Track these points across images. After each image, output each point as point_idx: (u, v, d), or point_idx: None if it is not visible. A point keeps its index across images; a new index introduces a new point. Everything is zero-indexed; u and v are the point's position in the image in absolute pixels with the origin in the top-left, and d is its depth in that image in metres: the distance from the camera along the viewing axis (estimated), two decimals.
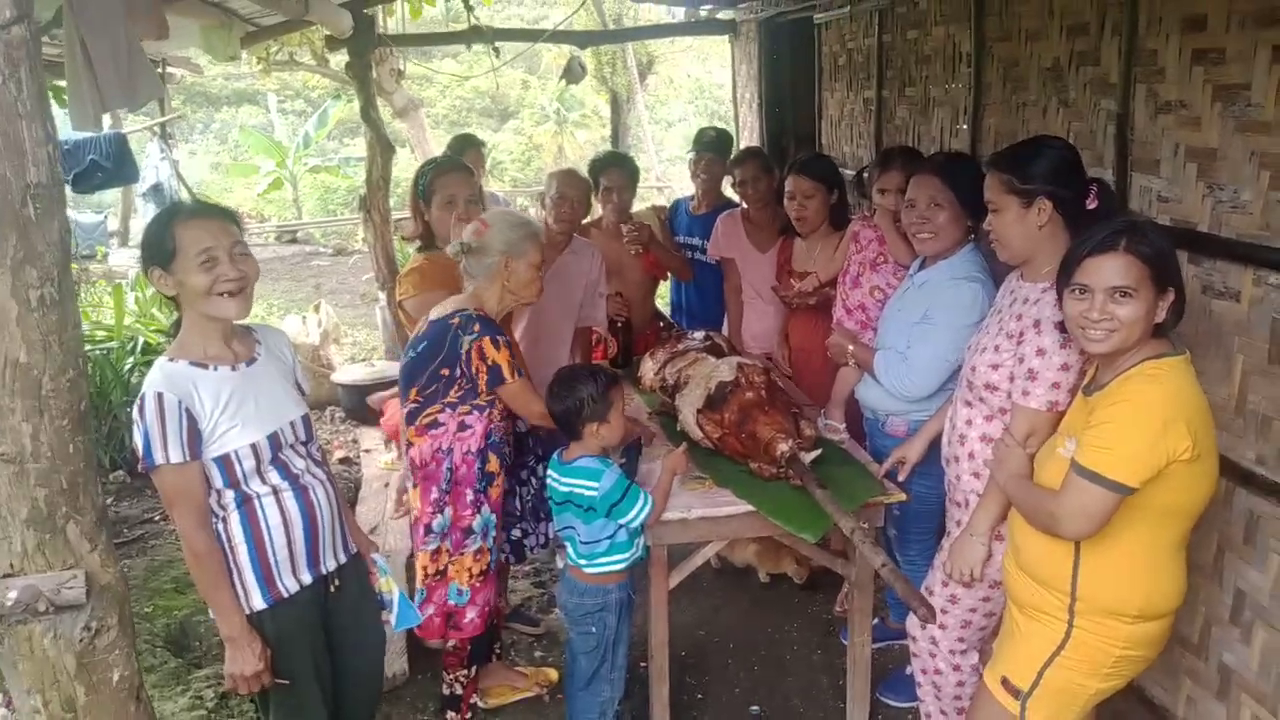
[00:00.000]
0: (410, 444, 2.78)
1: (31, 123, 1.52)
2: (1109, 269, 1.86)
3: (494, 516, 2.83)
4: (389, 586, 2.47)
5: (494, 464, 2.80)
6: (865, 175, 3.41)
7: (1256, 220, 2.22)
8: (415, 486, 2.81)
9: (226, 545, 2.09)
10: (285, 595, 2.15)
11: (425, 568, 2.82)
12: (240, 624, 2.07)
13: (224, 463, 2.04)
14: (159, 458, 1.94)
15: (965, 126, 3.54)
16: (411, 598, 2.75)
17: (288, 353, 2.31)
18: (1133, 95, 2.62)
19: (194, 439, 1.97)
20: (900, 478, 2.77)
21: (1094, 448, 1.84)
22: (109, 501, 4.69)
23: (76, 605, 1.62)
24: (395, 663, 3.22)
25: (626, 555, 2.64)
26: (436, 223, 3.15)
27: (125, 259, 10.33)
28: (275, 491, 2.13)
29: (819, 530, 2.58)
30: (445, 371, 2.67)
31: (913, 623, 2.63)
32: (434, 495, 2.76)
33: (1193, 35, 2.38)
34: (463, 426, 2.72)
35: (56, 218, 1.59)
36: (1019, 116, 3.22)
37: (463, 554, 2.79)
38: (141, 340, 5.34)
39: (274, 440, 2.12)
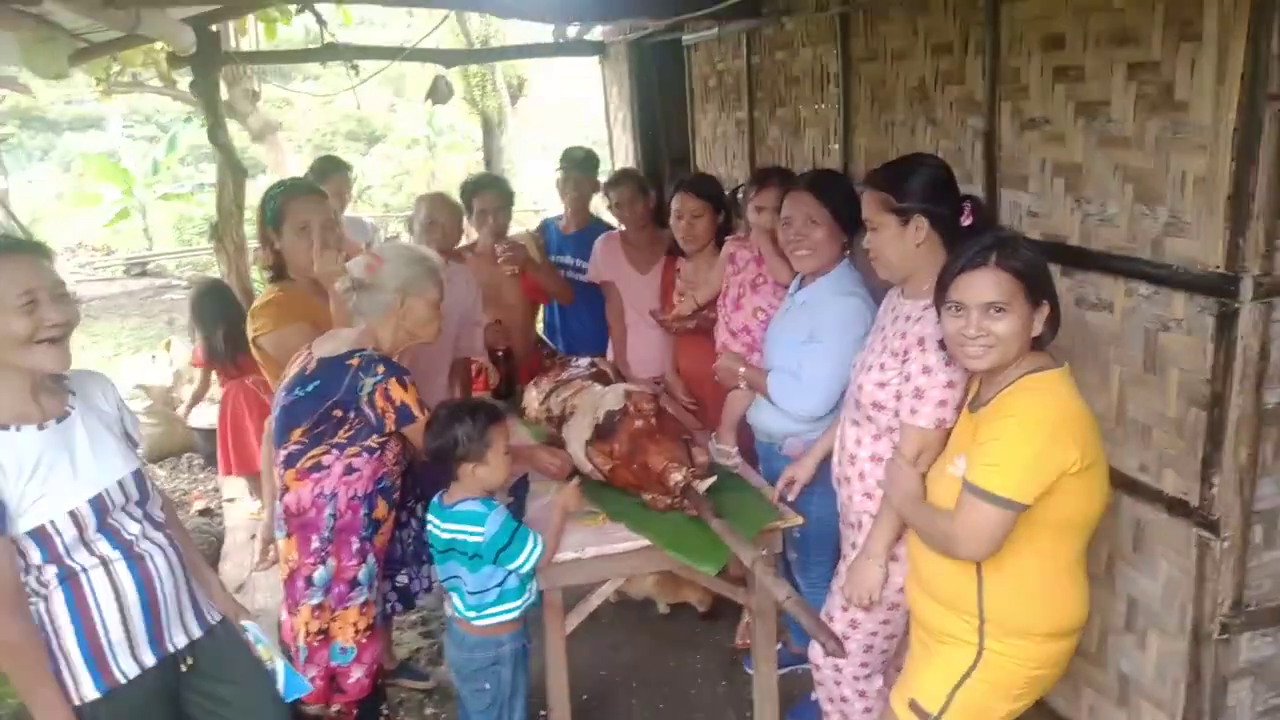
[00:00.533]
0: (286, 489, 2.55)
1: None
2: (981, 285, 1.87)
3: (377, 565, 2.65)
4: (268, 655, 2.23)
5: (382, 509, 2.62)
6: (739, 194, 3.40)
7: (1123, 233, 2.28)
8: (290, 536, 2.57)
9: (50, 629, 1.82)
10: (123, 681, 1.89)
11: (306, 624, 2.58)
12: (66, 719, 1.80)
13: (40, 535, 1.78)
14: None
15: (836, 146, 3.57)
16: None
17: (111, 400, 2.04)
18: (998, 113, 2.67)
19: None
20: (790, 498, 2.73)
21: (983, 465, 1.84)
22: None
23: None
24: None
25: (519, 603, 2.48)
26: (289, 251, 2.92)
27: None
28: (105, 563, 1.87)
29: (718, 562, 2.50)
30: (338, 413, 2.46)
31: (815, 650, 2.57)
32: (314, 544, 2.54)
33: (1053, 53, 2.44)
34: (349, 470, 2.52)
35: None
36: (888, 135, 3.26)
37: (347, 608, 2.59)
38: None
39: (98, 504, 1.86)
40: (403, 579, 3.05)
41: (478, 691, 2.52)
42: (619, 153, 6.11)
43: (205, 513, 5.30)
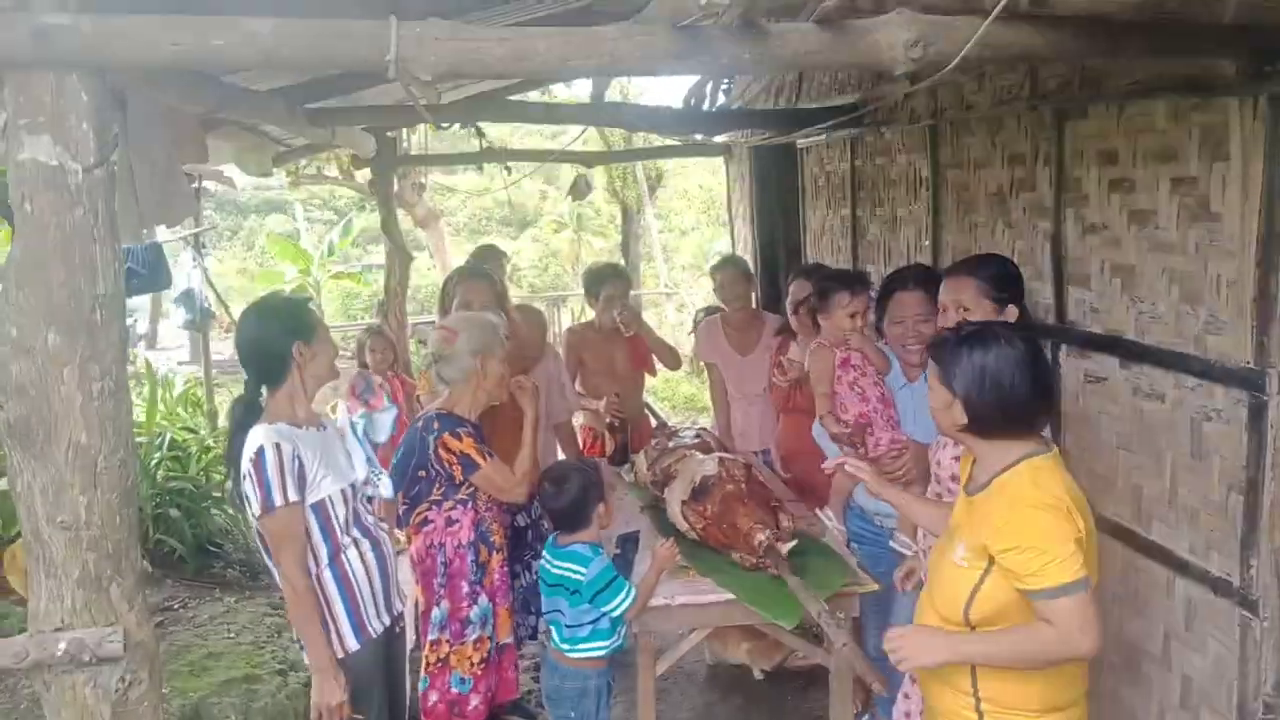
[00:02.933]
0: (410, 540, 3.00)
1: (103, 246, 1.83)
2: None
3: (492, 605, 2.98)
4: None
5: (484, 554, 2.98)
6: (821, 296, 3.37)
7: (1171, 329, 2.49)
8: (416, 582, 3.03)
9: (321, 598, 2.40)
10: (373, 635, 2.49)
11: (428, 656, 3.00)
12: (329, 657, 2.37)
13: (320, 510, 2.38)
14: (278, 499, 2.27)
15: (928, 243, 3.86)
16: (415, 687, 2.96)
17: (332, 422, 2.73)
18: (1063, 218, 2.93)
19: (303, 483, 2.32)
20: (909, 588, 2.77)
21: (1038, 566, 1.80)
22: None
23: (114, 658, 1.83)
24: None
25: (607, 643, 2.79)
26: None
27: (155, 361, 10.70)
28: (356, 542, 2.47)
29: (794, 616, 2.73)
30: (422, 473, 2.91)
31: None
32: (433, 588, 2.96)
33: (1108, 167, 2.71)
34: (450, 521, 2.93)
35: (117, 322, 1.88)
36: (971, 235, 3.54)
37: (463, 643, 2.95)
38: (169, 436, 5.62)
39: (353, 490, 2.49)
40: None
41: (563, 718, 2.83)
42: (739, 242, 6.56)
43: None
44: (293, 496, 2.30)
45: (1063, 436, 2.96)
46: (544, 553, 2.88)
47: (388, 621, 2.57)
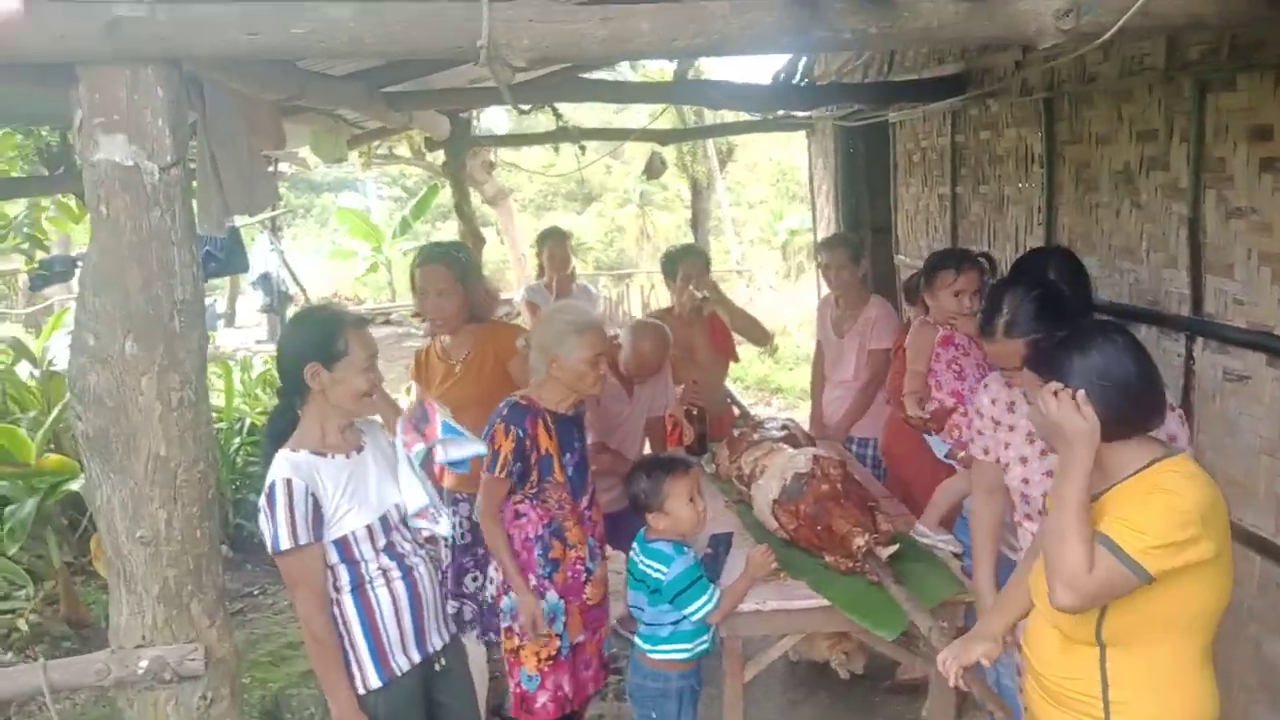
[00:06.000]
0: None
1: (181, 249, 1.75)
2: None
3: (563, 602, 2.87)
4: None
5: (558, 550, 2.86)
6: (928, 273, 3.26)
7: None
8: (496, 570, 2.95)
9: (342, 627, 2.23)
10: (398, 674, 2.29)
11: (505, 645, 2.93)
12: (351, 705, 2.20)
13: (342, 545, 2.21)
14: (286, 543, 2.10)
15: (1041, 225, 3.61)
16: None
17: (386, 440, 2.49)
18: (1203, 200, 2.66)
19: (318, 523, 2.15)
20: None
21: (1122, 523, 1.73)
22: None
23: (196, 676, 1.77)
24: None
25: (689, 645, 2.67)
26: None
27: (232, 340, 10.95)
28: (384, 572, 2.28)
29: (896, 627, 2.59)
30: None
31: None
32: (501, 578, 2.89)
33: (1260, 144, 2.43)
34: (518, 515, 2.83)
35: (196, 329, 1.80)
36: (1092, 216, 3.28)
37: (531, 639, 2.85)
38: (248, 421, 5.67)
39: (385, 522, 2.29)
40: None
41: (645, 718, 2.74)
42: (821, 221, 6.32)
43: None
44: (303, 539, 2.11)
45: (1195, 439, 2.71)
46: (634, 545, 2.77)
47: (419, 658, 2.34)
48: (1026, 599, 2.10)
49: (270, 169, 7.13)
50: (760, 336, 4.55)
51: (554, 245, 5.33)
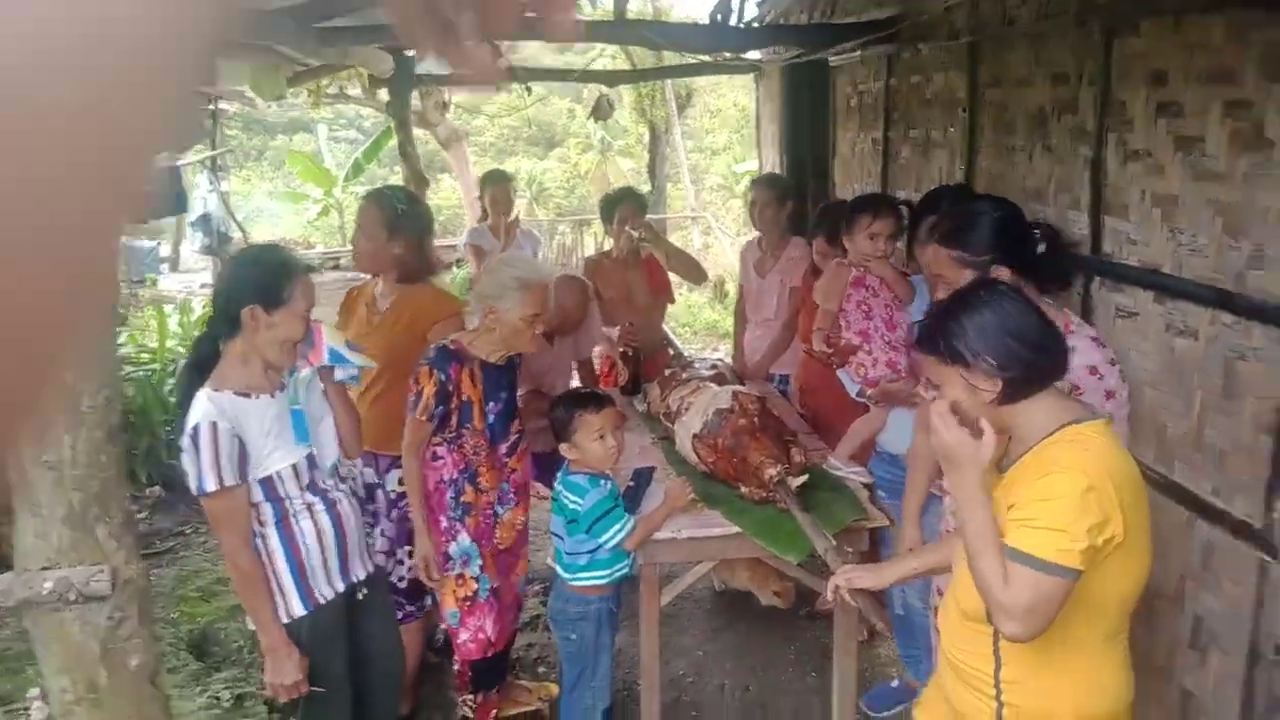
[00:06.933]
0: None
1: None
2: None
3: (476, 546, 2.89)
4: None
5: (470, 494, 2.87)
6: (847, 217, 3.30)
7: (1211, 263, 2.33)
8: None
9: (266, 559, 2.28)
10: (322, 601, 2.35)
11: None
12: (281, 636, 2.26)
13: (267, 484, 2.24)
14: (211, 484, 2.12)
15: (961, 168, 3.67)
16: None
17: (311, 379, 2.49)
18: (1105, 143, 2.74)
19: (243, 463, 2.17)
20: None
21: (1023, 525, 1.63)
22: (144, 515, 4.95)
23: (102, 596, 1.82)
24: None
25: (607, 572, 2.78)
26: None
27: (175, 284, 10.76)
28: (309, 507, 2.33)
29: (801, 552, 2.70)
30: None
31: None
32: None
33: (1156, 88, 2.50)
34: (435, 457, 2.84)
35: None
36: (1008, 159, 3.35)
37: (446, 575, 2.90)
38: (181, 364, 5.64)
39: (310, 460, 2.33)
40: None
41: (566, 639, 2.86)
42: (766, 165, 6.35)
43: None
44: (228, 480, 2.13)
45: None
46: (559, 475, 2.85)
47: (342, 587, 2.41)
48: (940, 561, 2.12)
49: (209, 106, 6.97)
50: (698, 275, 4.62)
51: (495, 189, 5.32)
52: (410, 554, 2.97)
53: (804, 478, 2.86)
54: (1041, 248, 2.27)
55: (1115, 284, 2.74)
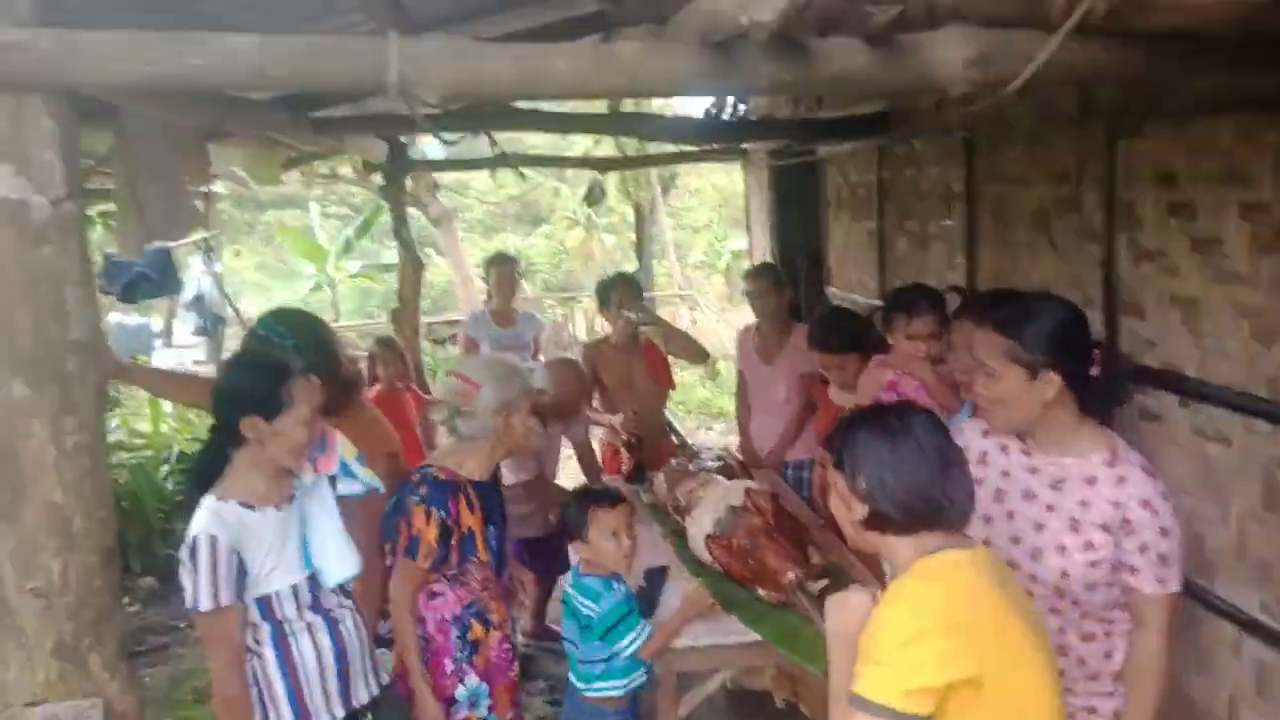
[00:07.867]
0: None
1: (76, 287, 1.68)
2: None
3: (485, 685, 2.65)
4: None
5: (478, 631, 2.62)
6: (884, 315, 3.11)
7: (1242, 369, 2.29)
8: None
9: (262, 681, 2.14)
10: None
11: None
12: None
13: (264, 603, 2.12)
14: (205, 603, 1.99)
15: (961, 260, 3.67)
16: None
17: (324, 485, 2.37)
18: (1115, 242, 2.73)
19: (241, 582, 2.05)
20: None
21: (865, 670, 1.47)
22: (137, 608, 4.74)
23: None
24: None
25: (623, 682, 2.64)
26: None
27: (169, 361, 10.58)
28: (309, 626, 2.19)
29: (825, 661, 2.59)
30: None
31: None
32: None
33: (1166, 189, 2.51)
34: (433, 595, 2.57)
35: (93, 371, 1.73)
36: (1009, 254, 3.35)
37: None
38: (177, 449, 5.50)
39: (312, 580, 2.20)
40: None
41: None
42: (757, 250, 6.38)
43: None
44: (224, 600, 2.00)
45: None
46: (569, 577, 2.72)
47: (342, 712, 2.24)
48: None
49: (200, 189, 6.97)
50: (698, 354, 4.58)
51: (500, 271, 5.31)
52: None
53: (824, 582, 2.75)
54: (1095, 369, 1.95)
55: (1139, 386, 2.69)
